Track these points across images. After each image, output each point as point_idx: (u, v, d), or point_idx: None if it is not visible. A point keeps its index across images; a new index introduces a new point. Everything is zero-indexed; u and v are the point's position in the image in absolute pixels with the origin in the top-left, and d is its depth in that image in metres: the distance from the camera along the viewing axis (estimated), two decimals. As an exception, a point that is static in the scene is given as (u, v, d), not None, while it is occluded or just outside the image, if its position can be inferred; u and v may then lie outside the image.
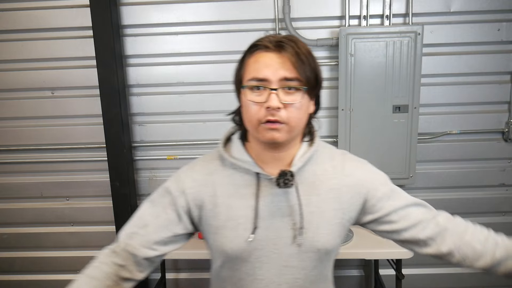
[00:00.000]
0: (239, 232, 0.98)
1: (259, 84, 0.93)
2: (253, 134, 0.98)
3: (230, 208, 1.00)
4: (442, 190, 2.41)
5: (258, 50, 0.97)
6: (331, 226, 1.00)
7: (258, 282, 1.02)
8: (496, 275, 1.02)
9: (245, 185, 1.00)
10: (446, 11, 2.20)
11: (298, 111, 0.93)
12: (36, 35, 2.30)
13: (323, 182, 1.01)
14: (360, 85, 2.16)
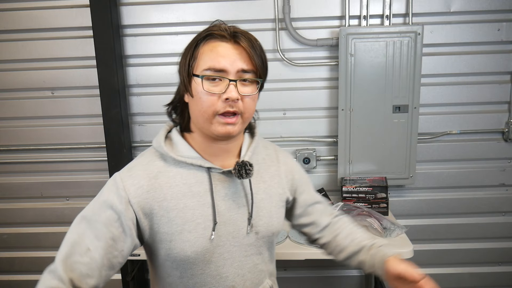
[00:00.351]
0: (199, 232, 0.94)
1: (217, 75, 0.90)
2: (204, 127, 0.94)
3: (185, 210, 0.94)
4: (442, 190, 2.41)
5: (213, 39, 0.92)
6: (279, 209, 1.07)
7: (224, 280, 0.99)
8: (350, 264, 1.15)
9: (197, 182, 0.96)
10: (446, 11, 2.20)
11: (253, 102, 0.96)
12: (36, 35, 2.30)
13: (265, 170, 1.06)
14: (360, 85, 2.16)
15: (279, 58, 2.25)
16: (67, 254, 0.88)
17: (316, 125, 2.35)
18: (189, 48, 0.94)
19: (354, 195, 2.11)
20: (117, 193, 0.91)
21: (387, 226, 1.85)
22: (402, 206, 2.43)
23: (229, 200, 0.98)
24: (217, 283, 0.99)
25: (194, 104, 0.94)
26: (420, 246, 2.44)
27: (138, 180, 0.93)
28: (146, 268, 2.56)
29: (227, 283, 1.00)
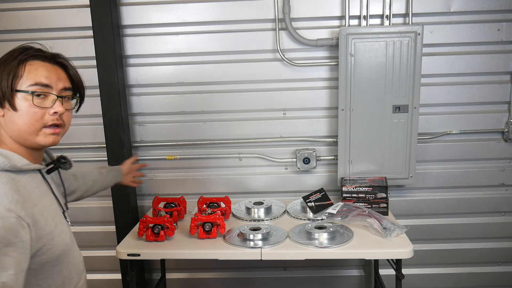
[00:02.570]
0: (63, 221, 1.11)
1: (42, 90, 1.01)
2: (26, 138, 1.02)
3: (49, 208, 1.06)
4: (442, 190, 2.41)
5: (36, 59, 1.03)
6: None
7: (79, 255, 1.18)
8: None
9: (39, 184, 1.08)
10: (446, 11, 2.20)
11: (71, 116, 1.14)
12: (37, 35, 2.30)
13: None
14: (360, 85, 2.16)
15: (279, 58, 2.25)
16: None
17: (316, 125, 2.35)
18: (7, 64, 1.00)
19: (354, 195, 2.11)
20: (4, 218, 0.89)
21: (387, 226, 1.85)
22: (402, 206, 2.43)
23: (58, 192, 1.18)
24: (78, 260, 1.17)
25: (19, 117, 1.00)
26: (420, 246, 2.44)
27: (11, 195, 0.94)
28: (146, 267, 2.56)
29: (80, 257, 1.19)
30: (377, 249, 1.76)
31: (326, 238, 1.79)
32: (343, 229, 1.88)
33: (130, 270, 1.92)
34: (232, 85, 2.31)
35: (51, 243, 1.00)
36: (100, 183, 1.64)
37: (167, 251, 1.82)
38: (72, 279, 1.12)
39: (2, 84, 0.99)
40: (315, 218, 2.03)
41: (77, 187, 1.49)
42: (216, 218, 1.85)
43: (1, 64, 1.01)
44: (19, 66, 1.00)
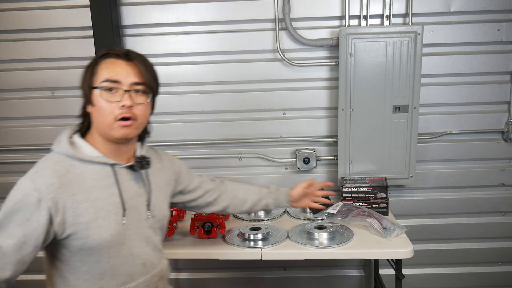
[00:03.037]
0: (112, 218, 1.12)
1: (113, 86, 1.09)
2: (105, 131, 1.12)
3: (97, 200, 1.10)
4: (442, 190, 2.41)
5: (109, 57, 1.13)
6: (166, 197, 1.33)
7: (136, 259, 1.18)
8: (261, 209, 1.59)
9: (103, 177, 1.13)
10: (446, 11, 2.20)
11: (145, 110, 1.16)
12: (37, 35, 2.30)
13: (155, 167, 1.29)
14: (360, 85, 2.16)
15: (279, 58, 2.25)
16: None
17: (316, 125, 2.35)
18: (89, 66, 1.15)
19: (354, 195, 2.11)
20: (27, 196, 1.02)
21: (387, 226, 1.85)
22: (402, 206, 2.43)
23: (131, 190, 1.18)
24: (131, 262, 1.17)
25: (96, 112, 1.12)
26: (420, 246, 2.44)
27: (49, 178, 1.05)
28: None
29: (138, 261, 1.19)
30: (377, 249, 1.75)
31: (326, 238, 1.79)
32: (343, 229, 1.88)
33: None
34: (232, 85, 2.31)
35: (84, 233, 1.07)
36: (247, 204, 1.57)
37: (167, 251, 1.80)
38: (117, 276, 1.15)
39: (85, 82, 1.14)
40: (315, 218, 2.03)
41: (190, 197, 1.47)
42: (216, 218, 1.85)
43: (87, 65, 1.16)
44: (95, 65, 1.13)
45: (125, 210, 1.14)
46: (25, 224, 1.01)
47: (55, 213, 1.03)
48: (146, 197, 1.22)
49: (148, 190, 1.23)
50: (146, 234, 1.22)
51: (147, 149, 1.33)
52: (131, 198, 1.18)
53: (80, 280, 1.13)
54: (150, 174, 1.26)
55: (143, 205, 1.21)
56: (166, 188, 1.34)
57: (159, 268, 1.26)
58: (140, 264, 1.19)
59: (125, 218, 1.14)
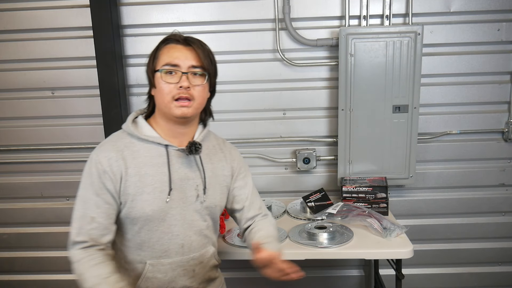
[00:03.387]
0: (156, 194, 1.20)
1: (172, 69, 1.18)
2: (165, 111, 1.21)
3: (146, 176, 1.19)
4: (442, 190, 2.41)
5: (170, 43, 1.23)
6: (222, 187, 1.34)
7: (175, 238, 1.24)
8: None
9: (156, 155, 1.22)
10: (446, 11, 2.20)
11: (203, 91, 1.22)
12: (36, 35, 2.30)
13: (214, 155, 1.33)
14: (360, 85, 2.16)
15: (279, 58, 2.25)
16: (78, 228, 1.16)
17: (316, 125, 2.35)
18: (153, 51, 1.25)
19: (354, 195, 2.11)
20: (95, 167, 1.18)
21: (387, 226, 1.85)
22: (402, 206, 2.43)
23: (181, 172, 1.24)
24: (169, 239, 1.24)
25: (157, 93, 1.21)
26: (420, 246, 2.44)
27: (108, 152, 1.20)
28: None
29: (177, 240, 1.25)
30: (377, 249, 1.75)
31: (326, 238, 1.79)
32: (343, 229, 1.88)
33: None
34: (232, 85, 2.31)
35: (130, 204, 1.18)
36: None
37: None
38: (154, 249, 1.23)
39: (149, 67, 1.24)
40: (315, 218, 2.03)
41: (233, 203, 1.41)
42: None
43: (151, 51, 1.25)
44: (157, 51, 1.23)
45: (170, 190, 1.21)
46: (101, 192, 1.17)
47: (115, 182, 1.17)
48: (197, 181, 1.26)
49: (199, 176, 1.27)
50: (191, 218, 1.26)
51: (209, 134, 1.35)
52: (180, 180, 1.23)
53: (124, 245, 1.25)
54: (206, 161, 1.29)
55: (191, 189, 1.25)
56: (222, 178, 1.34)
57: (199, 253, 1.29)
58: (178, 244, 1.25)
59: (169, 197, 1.21)
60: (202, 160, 1.28)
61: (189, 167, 1.25)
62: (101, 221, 1.16)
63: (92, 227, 1.15)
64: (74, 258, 1.14)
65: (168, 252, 1.25)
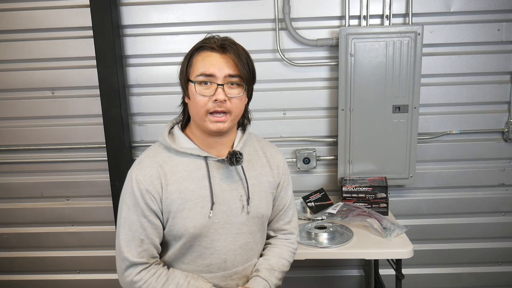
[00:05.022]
0: (198, 210, 1.13)
1: (207, 80, 1.09)
2: (199, 124, 1.14)
3: (186, 192, 1.13)
4: (442, 190, 2.41)
5: (204, 50, 1.12)
6: (268, 195, 1.25)
7: (218, 253, 1.17)
8: None
9: (196, 169, 1.15)
10: (446, 11, 2.20)
11: (240, 102, 1.14)
12: (36, 35, 2.30)
13: (257, 160, 1.25)
14: (360, 85, 2.16)
15: (279, 58, 2.25)
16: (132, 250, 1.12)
17: (316, 125, 2.35)
18: (186, 58, 1.15)
19: (354, 195, 2.11)
20: (137, 187, 1.12)
21: (387, 226, 1.85)
22: (402, 206, 2.43)
23: (223, 184, 1.17)
24: (212, 255, 1.17)
25: (191, 104, 1.13)
26: (420, 246, 2.44)
27: (148, 170, 1.13)
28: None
29: (220, 255, 1.17)
30: (377, 249, 1.75)
31: (326, 238, 1.79)
32: (343, 229, 1.88)
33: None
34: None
35: (171, 221, 1.13)
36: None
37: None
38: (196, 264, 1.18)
39: (182, 75, 1.16)
40: (315, 218, 2.03)
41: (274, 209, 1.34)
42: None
43: (184, 57, 1.16)
44: (191, 58, 1.13)
45: (213, 204, 1.14)
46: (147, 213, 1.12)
47: (158, 200, 1.12)
48: (240, 192, 1.19)
49: (242, 185, 1.19)
50: (237, 231, 1.19)
51: (250, 138, 1.28)
52: (223, 192, 1.16)
53: (169, 259, 1.21)
54: (249, 168, 1.21)
55: (235, 200, 1.18)
56: (267, 185, 1.25)
57: (242, 267, 1.22)
58: (221, 259, 1.18)
59: (212, 212, 1.14)
60: (244, 168, 1.20)
61: (231, 178, 1.18)
62: (151, 241, 1.14)
63: (144, 248, 1.13)
64: (138, 280, 1.12)
65: (210, 267, 1.19)
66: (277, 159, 1.29)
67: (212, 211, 1.14)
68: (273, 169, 1.26)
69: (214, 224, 1.15)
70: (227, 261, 1.19)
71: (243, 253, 1.21)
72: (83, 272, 2.60)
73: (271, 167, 1.26)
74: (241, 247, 1.20)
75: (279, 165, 1.28)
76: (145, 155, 1.18)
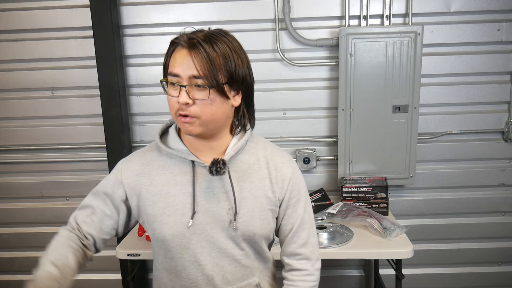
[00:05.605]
0: (177, 217, 1.03)
1: (173, 80, 0.98)
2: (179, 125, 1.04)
3: (167, 196, 1.04)
4: (442, 190, 2.41)
5: (177, 47, 0.99)
6: (264, 211, 1.07)
7: (203, 268, 1.05)
8: None
9: (181, 173, 1.05)
10: (446, 11, 2.20)
11: (209, 106, 0.97)
12: (37, 35, 2.30)
13: (256, 171, 1.08)
14: (360, 85, 2.16)
15: (279, 58, 2.25)
16: (76, 214, 1.14)
17: (316, 125, 2.35)
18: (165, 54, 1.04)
19: (354, 195, 2.11)
20: (115, 174, 1.09)
21: (387, 226, 1.85)
22: (402, 206, 2.43)
23: (209, 193, 1.04)
24: (196, 269, 1.06)
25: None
26: (420, 246, 2.44)
27: (132, 164, 1.09)
28: (146, 268, 2.56)
29: (206, 271, 1.06)
30: (377, 249, 1.76)
31: (326, 238, 1.79)
32: (343, 229, 1.88)
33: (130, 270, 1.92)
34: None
35: (151, 225, 1.06)
36: None
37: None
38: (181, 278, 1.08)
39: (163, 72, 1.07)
40: (315, 218, 2.03)
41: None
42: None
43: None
44: (169, 55, 1.02)
45: (194, 213, 1.02)
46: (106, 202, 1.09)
47: (130, 196, 1.07)
48: (228, 204, 1.04)
49: (232, 198, 1.04)
50: (223, 246, 1.05)
51: (254, 145, 1.13)
52: (208, 202, 1.04)
53: (157, 266, 1.15)
54: (244, 179, 1.06)
55: (221, 213, 1.04)
56: (265, 201, 1.07)
57: (236, 287, 1.09)
58: (208, 275, 1.06)
59: (192, 222, 1.02)
60: (235, 179, 1.05)
61: (218, 188, 1.04)
62: (96, 221, 1.10)
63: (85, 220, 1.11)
64: (59, 233, 1.12)
65: (197, 283, 1.06)
66: (284, 172, 1.11)
67: (193, 220, 1.02)
68: (275, 183, 1.09)
69: (195, 235, 1.03)
70: (215, 279, 1.06)
71: (234, 270, 1.07)
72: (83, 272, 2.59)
73: (273, 180, 1.09)
74: (230, 264, 1.07)
75: (284, 179, 1.10)
76: (139, 150, 1.14)
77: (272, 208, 1.09)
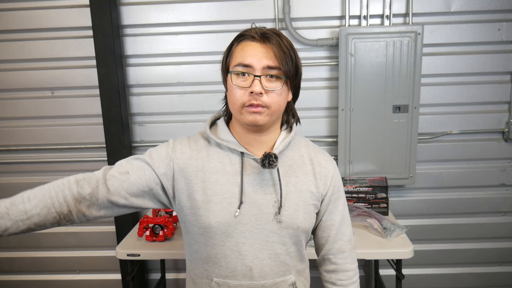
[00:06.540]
0: (224, 206, 1.05)
1: (244, 70, 1.01)
2: (236, 117, 1.06)
3: (216, 184, 1.05)
4: (442, 190, 2.41)
5: (244, 40, 1.05)
6: (307, 206, 1.10)
7: (243, 258, 1.07)
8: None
9: (230, 163, 1.07)
10: (446, 11, 2.20)
11: (279, 97, 1.03)
12: (36, 35, 2.30)
13: (300, 167, 1.12)
14: (360, 85, 2.16)
15: (279, 58, 2.24)
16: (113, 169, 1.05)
17: (316, 125, 2.35)
18: (227, 48, 1.09)
19: (354, 195, 2.11)
20: (166, 150, 1.08)
21: (387, 226, 1.85)
22: (402, 206, 2.43)
23: (257, 185, 1.07)
24: (236, 258, 1.07)
25: (229, 96, 1.06)
26: (420, 246, 2.44)
27: (186, 148, 1.09)
28: (146, 268, 2.56)
29: (245, 261, 1.07)
30: (377, 249, 1.75)
31: (326, 238, 1.79)
32: (343, 229, 1.88)
33: (130, 270, 1.92)
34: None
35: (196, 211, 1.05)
36: None
37: (167, 251, 1.82)
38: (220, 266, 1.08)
39: (222, 66, 1.10)
40: (315, 218, 2.03)
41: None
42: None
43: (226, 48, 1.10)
44: (231, 48, 1.07)
45: (241, 203, 1.05)
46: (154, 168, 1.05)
47: (177, 177, 1.06)
48: (274, 197, 1.07)
49: (278, 191, 1.08)
50: (266, 238, 1.07)
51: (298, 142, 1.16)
52: (255, 193, 1.06)
53: (193, 257, 1.13)
54: (289, 173, 1.10)
55: (267, 205, 1.07)
56: (309, 196, 1.11)
57: (272, 281, 1.09)
58: (246, 265, 1.07)
59: (239, 211, 1.05)
60: (281, 173, 1.09)
61: (266, 181, 1.07)
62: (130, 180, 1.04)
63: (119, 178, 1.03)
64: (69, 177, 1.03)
65: (235, 272, 1.08)
66: (327, 169, 1.15)
67: (239, 210, 1.05)
68: (319, 179, 1.13)
69: (240, 225, 1.05)
70: (253, 270, 1.07)
71: (273, 264, 1.09)
72: (83, 272, 2.60)
73: (317, 176, 1.12)
74: (270, 257, 1.08)
75: (327, 175, 1.14)
76: (187, 138, 1.13)
77: (314, 203, 1.12)
